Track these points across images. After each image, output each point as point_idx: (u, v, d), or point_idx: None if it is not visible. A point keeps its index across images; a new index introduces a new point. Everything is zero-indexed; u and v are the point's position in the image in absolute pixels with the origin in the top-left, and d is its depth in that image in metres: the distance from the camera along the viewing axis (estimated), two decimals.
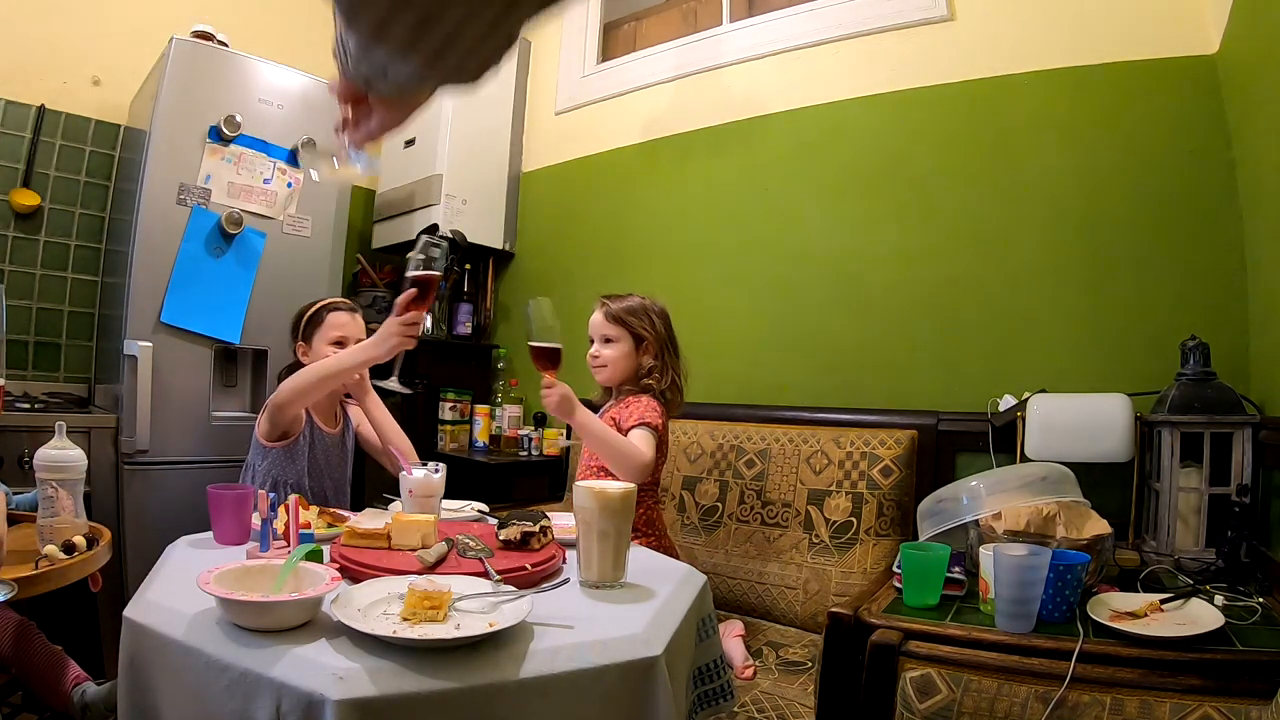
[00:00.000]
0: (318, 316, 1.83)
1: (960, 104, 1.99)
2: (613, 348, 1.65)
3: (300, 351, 1.85)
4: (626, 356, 1.65)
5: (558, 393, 1.46)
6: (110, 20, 2.37)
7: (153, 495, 2.00)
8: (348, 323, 1.82)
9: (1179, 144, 1.72)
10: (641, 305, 1.68)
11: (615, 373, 1.65)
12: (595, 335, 1.67)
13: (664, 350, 1.67)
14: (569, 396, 1.48)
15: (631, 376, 1.67)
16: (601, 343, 1.66)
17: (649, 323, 1.66)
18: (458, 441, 2.71)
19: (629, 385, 1.67)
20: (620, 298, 1.69)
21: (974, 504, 1.38)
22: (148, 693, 0.90)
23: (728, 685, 1.17)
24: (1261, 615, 1.14)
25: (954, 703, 1.06)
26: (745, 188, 2.36)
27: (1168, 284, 1.72)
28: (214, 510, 1.28)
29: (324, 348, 1.79)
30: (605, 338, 1.66)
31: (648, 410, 1.58)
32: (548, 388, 1.47)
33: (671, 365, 1.68)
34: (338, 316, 1.82)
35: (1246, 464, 1.41)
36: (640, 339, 1.66)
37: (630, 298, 1.68)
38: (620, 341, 1.65)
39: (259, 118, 2.17)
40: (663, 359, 1.67)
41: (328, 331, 1.80)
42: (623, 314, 1.65)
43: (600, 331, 1.66)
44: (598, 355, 1.65)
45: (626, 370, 1.66)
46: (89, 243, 2.34)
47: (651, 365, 1.66)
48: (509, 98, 2.92)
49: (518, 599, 0.94)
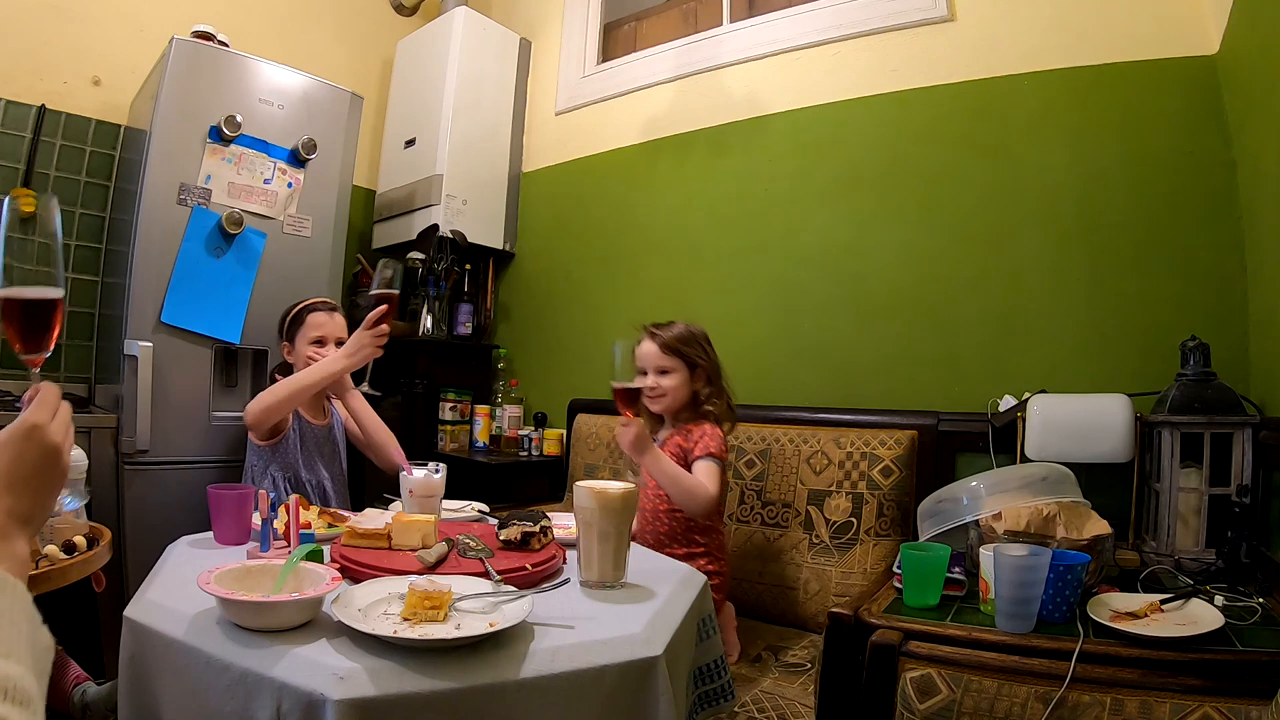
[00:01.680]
0: (299, 317, 1.91)
1: (960, 104, 1.99)
2: (670, 378, 1.65)
3: (285, 351, 1.94)
4: (683, 385, 1.66)
5: (633, 431, 1.47)
6: (110, 20, 2.37)
7: (153, 495, 1.99)
8: (326, 322, 1.90)
9: (1179, 144, 1.72)
10: (690, 332, 1.68)
11: (674, 401, 1.66)
12: (649, 366, 1.66)
13: (717, 374, 1.68)
14: (645, 435, 1.50)
15: (688, 404, 1.67)
16: (657, 374, 1.65)
17: (701, 350, 1.67)
18: (458, 441, 2.71)
19: (686, 412, 1.68)
20: (667, 326, 1.68)
21: (974, 504, 1.38)
22: (148, 693, 0.90)
23: (728, 685, 1.18)
24: (1261, 615, 1.14)
25: (954, 703, 1.07)
26: (745, 188, 2.36)
27: (1168, 284, 1.72)
28: (214, 510, 1.28)
29: (305, 348, 1.88)
30: (660, 368, 1.65)
31: (713, 440, 1.59)
32: (625, 425, 1.50)
33: (724, 388, 1.69)
34: (316, 317, 1.90)
35: (1246, 464, 1.41)
36: (694, 366, 1.66)
37: (675, 325, 1.69)
38: (676, 371, 1.65)
39: (259, 118, 2.17)
40: (717, 383, 1.68)
41: (308, 332, 1.89)
42: (677, 344, 1.65)
43: (654, 363, 1.66)
44: (655, 386, 1.64)
45: (684, 399, 1.66)
46: (89, 243, 2.34)
47: (709, 391, 1.67)
48: (509, 98, 2.92)
49: (518, 599, 0.94)
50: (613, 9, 2.90)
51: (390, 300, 1.73)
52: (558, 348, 2.78)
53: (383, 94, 3.02)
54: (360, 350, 1.72)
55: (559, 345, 2.78)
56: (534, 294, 2.89)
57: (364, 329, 1.72)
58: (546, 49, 2.96)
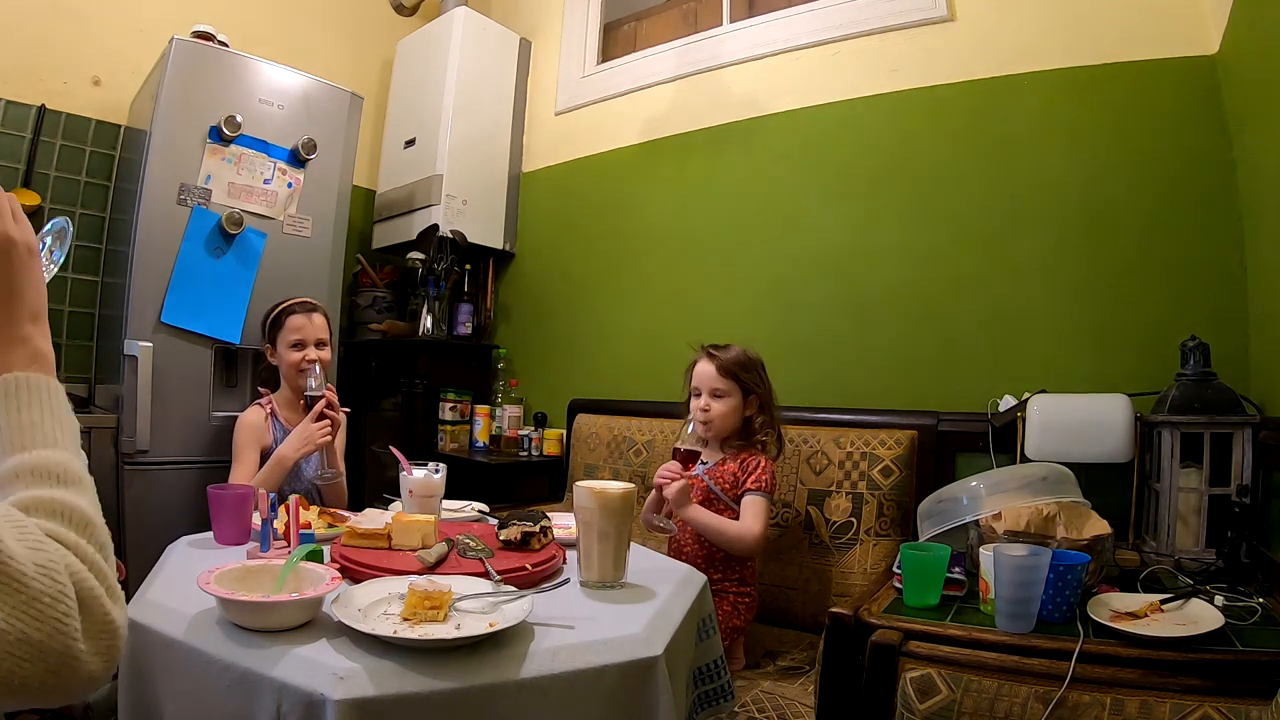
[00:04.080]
0: (278, 320, 1.93)
1: (960, 104, 1.99)
2: (723, 403, 1.63)
3: (268, 353, 1.96)
4: (735, 411, 1.64)
5: (679, 485, 1.51)
6: (110, 20, 2.37)
7: (153, 495, 1.99)
8: (304, 324, 1.91)
9: (1179, 144, 1.72)
10: (748, 358, 1.66)
11: (723, 427, 1.64)
12: (704, 388, 1.64)
13: (770, 403, 1.67)
14: (688, 489, 1.53)
15: (737, 430, 1.66)
16: (711, 396, 1.63)
17: (757, 377, 1.66)
18: (458, 442, 2.71)
19: (736, 439, 1.66)
20: (725, 348, 1.67)
21: (974, 504, 1.38)
22: (148, 693, 0.90)
23: (728, 685, 1.18)
24: (1261, 615, 1.14)
25: (954, 703, 1.06)
26: (745, 188, 2.36)
27: (1168, 284, 1.72)
28: (214, 510, 1.28)
29: (285, 350, 1.90)
30: (715, 391, 1.63)
31: (766, 473, 1.58)
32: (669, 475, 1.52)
33: (776, 418, 1.68)
34: (294, 320, 1.91)
35: (1246, 464, 1.41)
36: (749, 392, 1.65)
37: (732, 349, 1.67)
38: (730, 396, 1.63)
39: (259, 118, 2.17)
40: (769, 412, 1.67)
41: (287, 335, 1.90)
42: (735, 369, 1.63)
43: (710, 385, 1.64)
44: (708, 409, 1.63)
45: (734, 425, 1.65)
46: (89, 243, 2.34)
47: (762, 420, 1.65)
48: (509, 98, 2.92)
49: (518, 599, 0.94)
50: (613, 9, 2.90)
51: (324, 398, 1.81)
52: (558, 348, 2.78)
53: (383, 94, 3.02)
54: (307, 443, 1.78)
55: (559, 345, 2.78)
56: (534, 294, 2.89)
57: (309, 421, 1.78)
58: (546, 49, 2.96)
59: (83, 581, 0.49)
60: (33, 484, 0.54)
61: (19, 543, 0.47)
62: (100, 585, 0.50)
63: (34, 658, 0.45)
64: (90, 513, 0.55)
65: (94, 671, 0.49)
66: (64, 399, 0.61)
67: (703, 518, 1.54)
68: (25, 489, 0.54)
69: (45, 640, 0.45)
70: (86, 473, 0.59)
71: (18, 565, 0.45)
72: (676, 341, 1.85)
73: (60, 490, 0.54)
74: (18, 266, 0.60)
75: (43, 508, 0.52)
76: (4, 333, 0.59)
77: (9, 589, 0.45)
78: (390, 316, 2.83)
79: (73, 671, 0.47)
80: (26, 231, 0.62)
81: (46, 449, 0.56)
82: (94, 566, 0.51)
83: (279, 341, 1.91)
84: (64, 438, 0.59)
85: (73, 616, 0.47)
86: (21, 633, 0.44)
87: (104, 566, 0.52)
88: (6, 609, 0.44)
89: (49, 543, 0.49)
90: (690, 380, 1.69)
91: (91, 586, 0.50)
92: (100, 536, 0.54)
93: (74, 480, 0.56)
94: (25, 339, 0.60)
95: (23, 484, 0.54)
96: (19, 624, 0.44)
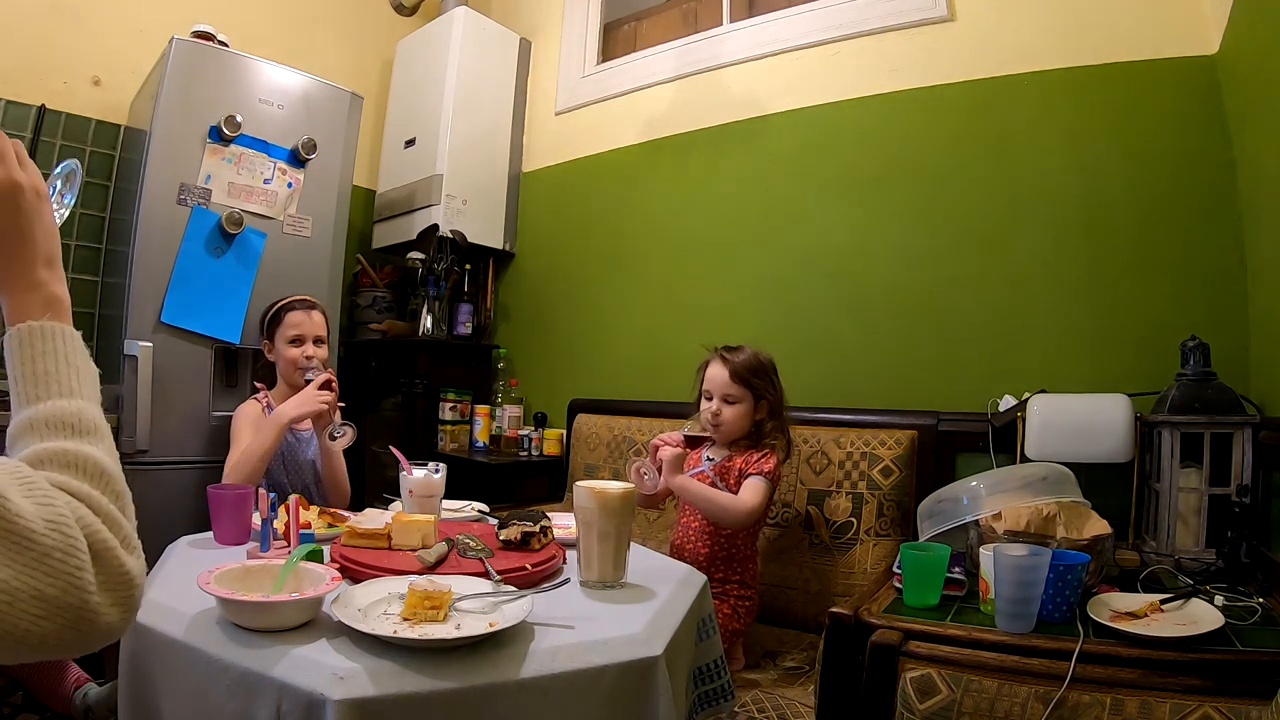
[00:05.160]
0: (277, 316, 1.94)
1: (960, 104, 1.99)
2: (734, 408, 1.63)
3: (266, 350, 1.97)
4: (746, 415, 1.64)
5: (675, 452, 1.54)
6: (110, 20, 2.37)
7: (153, 495, 1.99)
8: (304, 320, 1.92)
9: (1179, 144, 1.72)
10: (759, 362, 1.66)
11: (733, 430, 1.64)
12: (715, 392, 1.64)
13: (780, 408, 1.67)
14: (682, 458, 1.56)
15: (747, 433, 1.66)
16: (722, 401, 1.63)
17: (769, 382, 1.66)
18: (458, 442, 2.71)
19: (744, 441, 1.66)
20: (737, 350, 1.66)
21: (974, 504, 1.38)
22: (149, 693, 0.90)
23: (728, 685, 1.18)
24: (1261, 615, 1.14)
25: (954, 703, 1.07)
26: (745, 188, 2.36)
27: (1168, 284, 1.72)
28: (214, 510, 1.28)
29: (283, 346, 1.91)
30: (727, 397, 1.63)
31: (769, 461, 1.59)
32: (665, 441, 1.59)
33: (786, 422, 1.68)
34: (293, 316, 1.92)
35: (1246, 464, 1.41)
36: (760, 397, 1.65)
37: (744, 351, 1.66)
38: (742, 401, 1.63)
39: (259, 118, 2.17)
40: (780, 417, 1.67)
41: (286, 331, 1.91)
42: (747, 374, 1.63)
43: (721, 389, 1.63)
44: (719, 413, 1.63)
45: (744, 429, 1.65)
46: (89, 243, 2.34)
47: (772, 425, 1.66)
48: (509, 98, 2.92)
49: (518, 599, 0.94)
50: (613, 9, 2.90)
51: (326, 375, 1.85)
52: (558, 348, 2.78)
53: (383, 94, 3.02)
54: (306, 403, 1.80)
55: (559, 345, 2.78)
56: (534, 294, 2.89)
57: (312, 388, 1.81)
58: (546, 49, 2.96)
59: (95, 533, 0.48)
60: (47, 435, 0.53)
61: (27, 499, 0.46)
62: (115, 536, 0.50)
63: (50, 614, 0.45)
64: (105, 462, 0.54)
65: (112, 622, 0.48)
66: (80, 345, 0.60)
67: (693, 486, 1.54)
68: (40, 441, 0.53)
69: (60, 595, 0.45)
70: (103, 420, 0.58)
71: (26, 522, 0.45)
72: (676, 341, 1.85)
73: (74, 441, 0.54)
74: (27, 211, 0.59)
75: (56, 460, 0.52)
76: (18, 280, 0.58)
77: (19, 547, 0.44)
78: (390, 316, 2.83)
79: (91, 624, 0.47)
80: (34, 175, 0.60)
81: (63, 399, 0.56)
82: (108, 517, 0.50)
83: (277, 337, 1.92)
84: (80, 386, 0.58)
85: (86, 570, 0.47)
86: (35, 590, 0.44)
87: (118, 516, 0.51)
88: (17, 566, 0.44)
89: (59, 496, 0.48)
90: (701, 381, 1.68)
91: (105, 538, 0.49)
92: (116, 485, 0.53)
93: (89, 430, 0.55)
94: (39, 284, 0.59)
95: (37, 436, 0.53)
96: (32, 581, 0.44)
